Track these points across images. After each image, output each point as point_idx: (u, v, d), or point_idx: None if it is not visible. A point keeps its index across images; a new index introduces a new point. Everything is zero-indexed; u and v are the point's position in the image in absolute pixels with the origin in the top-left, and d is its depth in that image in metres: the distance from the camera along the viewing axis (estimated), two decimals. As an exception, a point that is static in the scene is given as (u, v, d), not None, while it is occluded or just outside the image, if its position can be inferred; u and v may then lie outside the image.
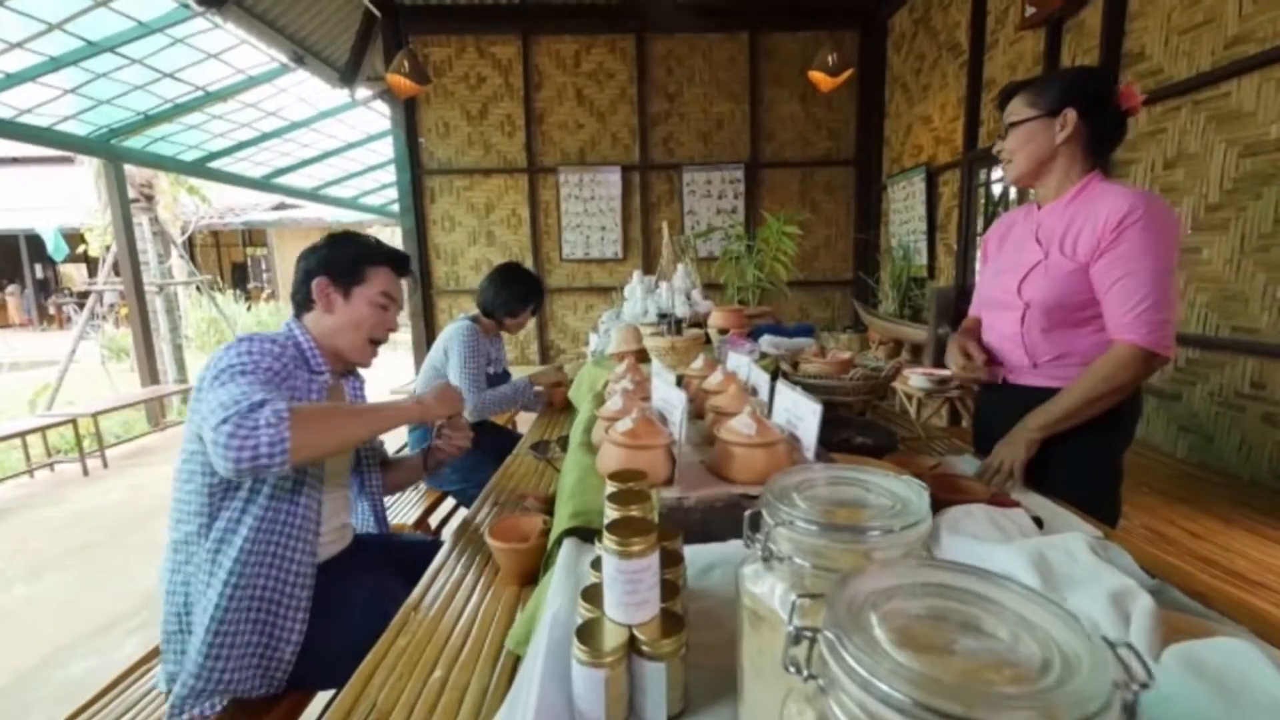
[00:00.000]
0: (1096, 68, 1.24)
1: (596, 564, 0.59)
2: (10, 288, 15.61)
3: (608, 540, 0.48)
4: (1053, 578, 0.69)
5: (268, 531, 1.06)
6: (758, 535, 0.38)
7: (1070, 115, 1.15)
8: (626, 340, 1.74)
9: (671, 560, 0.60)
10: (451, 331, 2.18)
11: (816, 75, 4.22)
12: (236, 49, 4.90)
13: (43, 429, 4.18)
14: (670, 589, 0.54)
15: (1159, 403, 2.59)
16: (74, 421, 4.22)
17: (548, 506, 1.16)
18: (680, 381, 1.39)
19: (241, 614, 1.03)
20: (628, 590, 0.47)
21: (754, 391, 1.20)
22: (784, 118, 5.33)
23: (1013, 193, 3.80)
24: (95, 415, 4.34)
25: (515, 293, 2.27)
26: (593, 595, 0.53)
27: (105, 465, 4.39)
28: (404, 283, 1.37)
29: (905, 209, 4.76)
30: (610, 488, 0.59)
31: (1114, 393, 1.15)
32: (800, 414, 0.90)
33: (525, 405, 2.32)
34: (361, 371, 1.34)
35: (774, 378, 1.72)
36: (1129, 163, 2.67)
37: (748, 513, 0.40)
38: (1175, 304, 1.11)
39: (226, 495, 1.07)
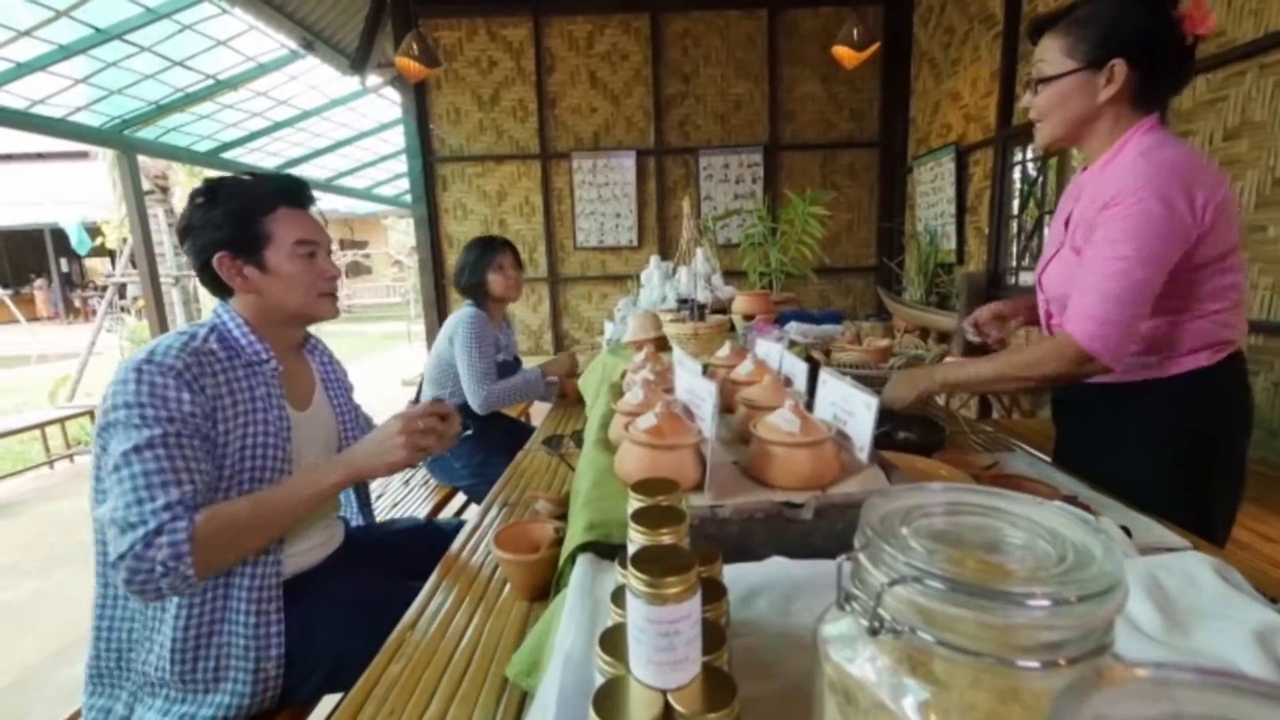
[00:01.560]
0: None
1: (618, 596, 0.48)
2: (38, 282, 15.93)
3: (633, 579, 0.36)
4: (1173, 609, 0.57)
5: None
6: (859, 592, 0.26)
7: (1118, 67, 0.92)
8: (644, 327, 1.63)
9: (713, 593, 0.48)
10: (455, 319, 2.08)
11: (841, 50, 4.03)
12: (245, 35, 4.83)
13: (62, 420, 4.19)
14: (715, 635, 0.42)
15: (1215, 393, 2.41)
16: (90, 413, 4.23)
17: (561, 508, 1.06)
18: (705, 370, 1.28)
19: (202, 644, 0.93)
20: (661, 647, 0.36)
21: (788, 382, 1.08)
22: (804, 98, 5.13)
23: (1051, 173, 3.59)
24: (111, 407, 4.34)
25: (468, 259, 2.14)
26: (614, 644, 0.41)
27: (122, 457, 4.40)
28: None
29: (933, 191, 4.55)
30: (634, 502, 0.48)
31: (1036, 380, 1.02)
32: (852, 408, 0.78)
33: (538, 396, 2.21)
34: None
35: (810, 365, 1.60)
36: (1185, 135, 2.47)
37: (842, 560, 0.28)
38: (1132, 307, 0.92)
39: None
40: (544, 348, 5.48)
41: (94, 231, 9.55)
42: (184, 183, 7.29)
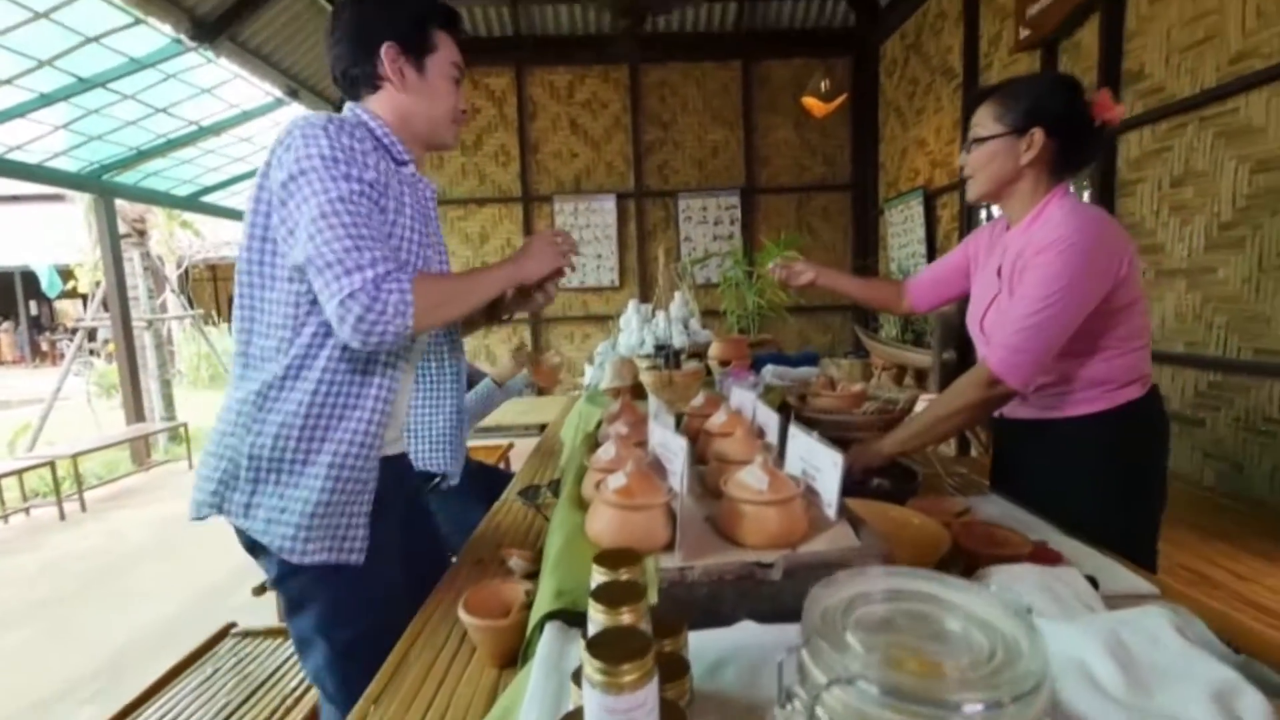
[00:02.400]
0: (1067, 77, 1.14)
1: (579, 675, 0.47)
2: (4, 324, 15.53)
3: (590, 668, 0.36)
4: (1136, 669, 0.57)
5: (349, 360, 0.94)
6: (799, 691, 0.27)
7: (1037, 135, 1.06)
8: (621, 374, 1.64)
9: (674, 671, 0.47)
10: None
11: (810, 101, 4.22)
12: (230, 84, 4.90)
13: (19, 472, 4.03)
14: (674, 717, 0.42)
15: (1180, 428, 2.47)
16: (52, 464, 4.07)
17: (535, 565, 1.04)
18: (681, 421, 1.28)
19: (313, 449, 0.94)
20: (616, 739, 0.35)
21: (761, 433, 1.09)
22: (778, 143, 5.33)
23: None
24: (75, 456, 4.19)
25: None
26: (572, 732, 0.41)
27: (84, 509, 4.23)
28: None
29: (904, 232, 4.71)
30: (596, 575, 0.48)
31: (962, 410, 1.11)
32: (819, 464, 0.78)
33: (505, 398, 2.08)
34: None
35: (782, 412, 1.61)
36: (1136, 181, 2.62)
37: (780, 661, 0.28)
38: (1045, 341, 1.02)
39: (315, 305, 0.91)
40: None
41: (66, 274, 9.40)
42: (162, 225, 7.26)
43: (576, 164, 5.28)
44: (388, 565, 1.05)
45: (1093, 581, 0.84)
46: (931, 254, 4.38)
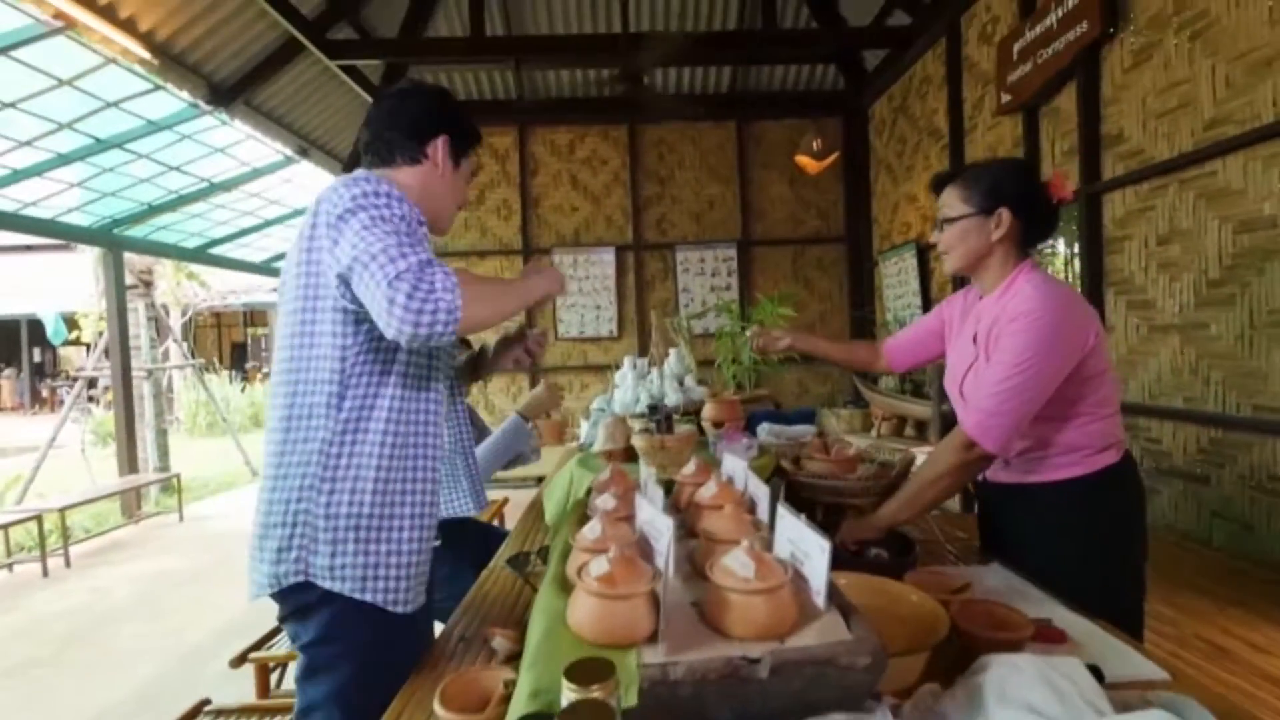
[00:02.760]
0: (1022, 161, 1.30)
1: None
2: (7, 371, 15.60)
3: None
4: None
5: (404, 411, 0.99)
6: None
7: (1005, 214, 1.15)
8: (614, 436, 1.62)
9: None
10: None
11: (803, 160, 4.36)
12: (243, 143, 5.08)
13: (4, 527, 3.95)
14: None
15: (1185, 486, 2.43)
16: (39, 517, 4.00)
17: (519, 645, 1.00)
18: (671, 489, 1.26)
19: (393, 500, 0.98)
20: None
21: (753, 505, 1.07)
22: (774, 198, 5.47)
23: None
24: (63, 510, 4.12)
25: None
26: None
27: (68, 564, 4.12)
28: None
29: (899, 284, 4.77)
30: (566, 692, 0.45)
31: (944, 475, 1.14)
32: (807, 549, 0.76)
33: (525, 452, 2.07)
34: None
35: (777, 477, 1.59)
36: (1123, 239, 2.66)
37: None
38: (1018, 406, 1.07)
39: (361, 360, 0.96)
40: (523, 438, 5.41)
41: (71, 322, 9.50)
42: (170, 276, 7.38)
43: (576, 217, 5.42)
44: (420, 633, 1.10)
45: (1097, 673, 0.81)
46: (926, 304, 4.43)
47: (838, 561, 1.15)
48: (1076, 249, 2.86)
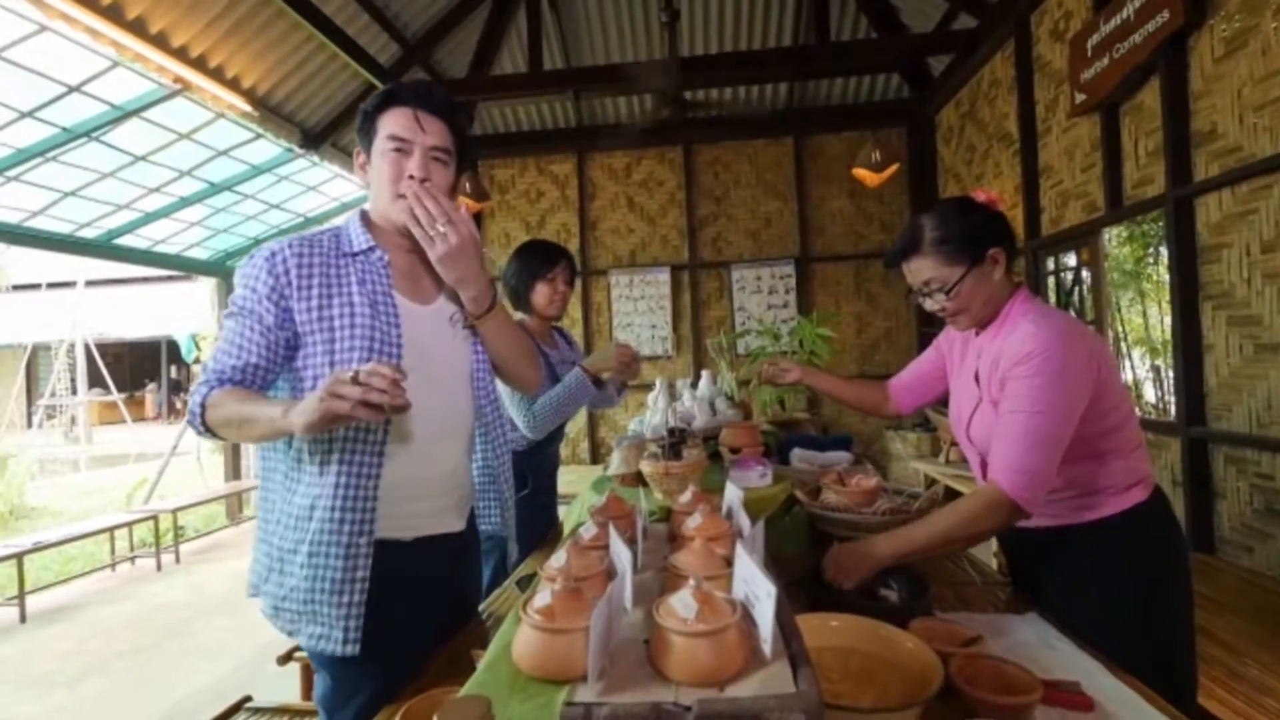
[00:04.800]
0: (961, 199, 1.21)
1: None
2: (150, 385, 17.80)
3: None
4: None
5: (336, 475, 1.02)
6: None
7: (996, 253, 1.15)
8: (628, 460, 1.62)
9: None
10: None
11: (861, 172, 4.21)
12: (331, 181, 5.59)
13: (129, 524, 4.49)
14: None
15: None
16: (155, 518, 4.52)
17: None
18: (669, 517, 1.24)
19: (319, 550, 1.02)
20: None
21: (739, 536, 1.04)
22: (833, 213, 5.31)
23: (1085, 274, 3.48)
24: (174, 511, 4.64)
25: (518, 263, 2.05)
26: None
27: (178, 560, 4.62)
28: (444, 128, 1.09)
29: (970, 299, 4.47)
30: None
31: (974, 537, 1.09)
32: (756, 592, 0.74)
33: (593, 402, 2.01)
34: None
35: (791, 507, 1.53)
36: (1220, 246, 2.37)
37: None
38: (1048, 452, 1.03)
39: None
40: (580, 456, 5.50)
41: (197, 343, 10.73)
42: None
43: (633, 239, 5.50)
44: (385, 663, 1.08)
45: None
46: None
47: (839, 599, 1.09)
48: (1165, 259, 2.57)
